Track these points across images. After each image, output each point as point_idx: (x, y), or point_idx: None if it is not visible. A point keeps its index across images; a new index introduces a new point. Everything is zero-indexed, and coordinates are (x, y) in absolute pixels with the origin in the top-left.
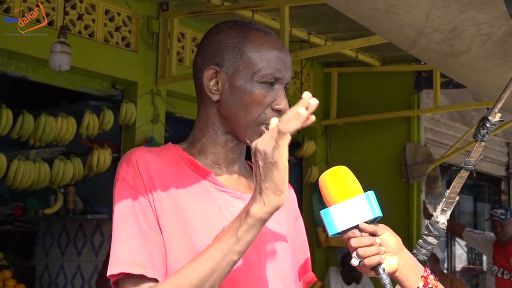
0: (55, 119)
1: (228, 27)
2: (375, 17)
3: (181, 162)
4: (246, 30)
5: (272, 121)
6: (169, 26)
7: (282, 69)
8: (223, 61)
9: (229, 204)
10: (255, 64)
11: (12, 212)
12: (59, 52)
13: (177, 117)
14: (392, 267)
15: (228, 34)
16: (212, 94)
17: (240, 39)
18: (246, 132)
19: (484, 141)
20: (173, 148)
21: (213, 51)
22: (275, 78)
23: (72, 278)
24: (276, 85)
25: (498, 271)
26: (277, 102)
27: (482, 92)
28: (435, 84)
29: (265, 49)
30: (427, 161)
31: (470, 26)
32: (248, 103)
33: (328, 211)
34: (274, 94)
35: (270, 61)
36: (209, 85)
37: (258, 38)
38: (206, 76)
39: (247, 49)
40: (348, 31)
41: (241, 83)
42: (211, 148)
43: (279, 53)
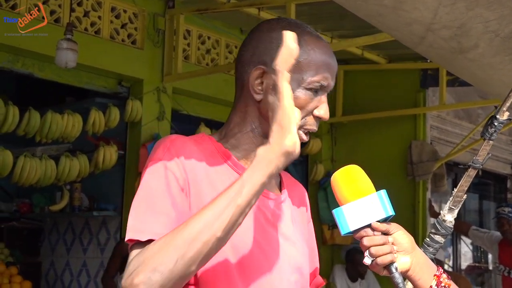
0: (61, 116)
1: (281, 26)
2: (382, 14)
3: (217, 155)
4: (299, 32)
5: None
6: (175, 24)
7: (329, 77)
8: (271, 61)
9: (262, 203)
10: (305, 69)
11: (18, 209)
12: (65, 49)
13: (183, 114)
14: (404, 266)
15: (276, 33)
16: (255, 94)
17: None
18: None
19: (492, 139)
20: (208, 139)
21: (263, 48)
22: (321, 86)
23: (78, 275)
24: (321, 92)
25: (505, 270)
26: (318, 109)
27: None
28: (441, 82)
29: (315, 55)
30: (433, 159)
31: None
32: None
33: (340, 210)
34: (317, 101)
35: (319, 68)
36: (254, 84)
37: (310, 43)
38: (253, 75)
39: (298, 52)
40: (354, 29)
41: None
42: (246, 145)
43: (329, 60)
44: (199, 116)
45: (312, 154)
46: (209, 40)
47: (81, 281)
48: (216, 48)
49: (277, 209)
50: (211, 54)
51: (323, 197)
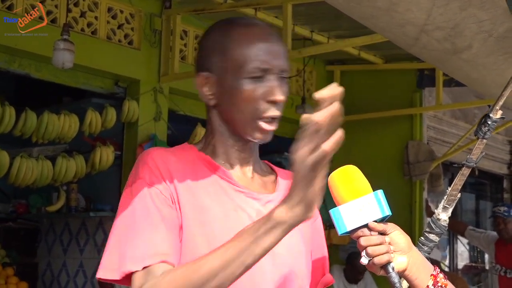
0: (57, 116)
1: (213, 29)
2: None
3: (198, 162)
4: (228, 28)
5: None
6: (171, 24)
7: (268, 59)
8: (211, 65)
9: (245, 204)
10: (240, 61)
11: (14, 209)
12: (62, 49)
13: (180, 115)
14: (401, 265)
15: (213, 36)
16: (208, 100)
17: (222, 38)
18: (245, 130)
19: (485, 138)
20: (189, 148)
21: (203, 55)
22: (263, 70)
23: (75, 276)
24: (268, 76)
25: (501, 270)
26: (269, 93)
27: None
28: (438, 82)
29: (246, 43)
30: (429, 159)
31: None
32: (239, 101)
33: (337, 210)
34: (265, 86)
35: (254, 55)
36: (203, 91)
37: (239, 34)
38: (198, 83)
39: (229, 47)
40: (351, 29)
41: (229, 83)
42: (222, 149)
43: (263, 43)
44: (196, 116)
45: None
46: None
47: (77, 282)
48: None
49: (263, 209)
50: None
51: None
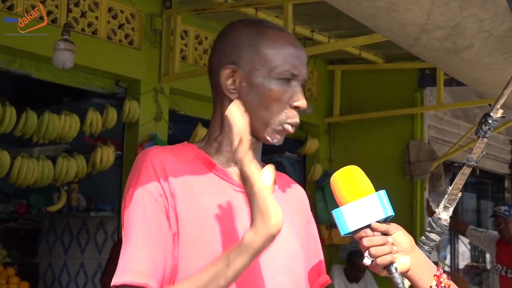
0: (58, 116)
1: (243, 25)
2: (376, 15)
3: (198, 161)
4: (261, 27)
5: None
6: (172, 24)
7: (298, 65)
8: (239, 59)
9: (245, 204)
10: (272, 60)
11: (15, 210)
12: (62, 49)
13: (180, 114)
14: (404, 266)
15: (243, 32)
16: (230, 93)
17: (255, 36)
18: (266, 129)
19: (486, 137)
20: (189, 147)
21: (229, 49)
22: (292, 75)
23: (76, 276)
24: (293, 82)
25: (502, 270)
26: (295, 99)
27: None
28: (439, 82)
29: (280, 46)
30: (430, 158)
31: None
32: (268, 100)
33: (340, 211)
34: (291, 91)
35: (286, 57)
36: (227, 84)
37: (273, 35)
38: (223, 75)
39: (263, 46)
40: (351, 29)
41: (259, 80)
42: (228, 146)
43: (295, 49)
44: (197, 116)
45: (310, 154)
46: (206, 41)
47: (79, 282)
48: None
49: None
50: (208, 54)
51: (321, 197)
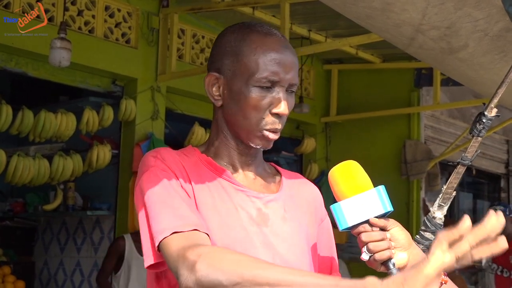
0: (54, 115)
1: (231, 31)
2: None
3: (200, 164)
4: (246, 32)
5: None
6: (169, 23)
7: (279, 71)
8: (222, 66)
9: (245, 203)
10: (250, 68)
11: (11, 208)
12: (59, 48)
13: (177, 113)
14: (402, 262)
15: (229, 38)
16: (214, 100)
17: (238, 42)
18: (248, 136)
19: (480, 136)
20: (192, 151)
21: (216, 55)
22: (271, 82)
23: (72, 274)
24: (276, 88)
25: (498, 269)
26: (274, 105)
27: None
28: (435, 82)
29: (261, 52)
30: (427, 158)
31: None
32: (245, 107)
33: (338, 206)
34: (272, 98)
35: (266, 64)
36: (211, 91)
37: (255, 41)
38: (206, 82)
39: (243, 52)
40: (348, 28)
41: (238, 87)
42: (225, 151)
43: (277, 55)
44: (193, 115)
45: (307, 153)
46: (203, 39)
47: (74, 281)
48: (210, 47)
49: (264, 208)
50: (205, 53)
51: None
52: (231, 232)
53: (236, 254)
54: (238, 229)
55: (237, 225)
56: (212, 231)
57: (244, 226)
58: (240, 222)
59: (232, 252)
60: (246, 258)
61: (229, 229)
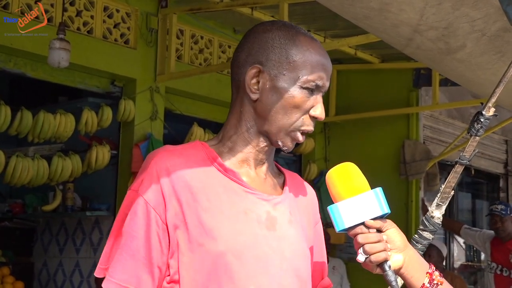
0: (53, 115)
1: (276, 27)
2: (369, 16)
3: (207, 161)
4: (294, 33)
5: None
6: (168, 23)
7: (324, 77)
8: (267, 61)
9: (255, 206)
10: (300, 68)
11: (10, 209)
12: (58, 48)
13: (176, 114)
14: (397, 264)
15: (275, 34)
16: (252, 93)
17: (287, 40)
18: (280, 134)
19: (478, 136)
20: (200, 146)
21: (258, 48)
22: (316, 86)
23: (71, 275)
24: (316, 92)
25: (497, 268)
26: (315, 109)
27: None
28: (434, 82)
29: (311, 55)
30: (425, 158)
31: (464, 23)
32: (288, 106)
33: (336, 207)
34: (313, 101)
35: (314, 67)
36: (251, 83)
37: (305, 43)
38: (249, 74)
39: (294, 52)
40: (347, 28)
41: (283, 85)
42: (242, 147)
43: (324, 60)
44: (192, 115)
45: (306, 153)
46: (202, 40)
47: (74, 282)
48: (209, 47)
49: (273, 210)
50: (204, 54)
51: (317, 196)
52: (240, 237)
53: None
54: (247, 234)
55: (246, 229)
56: (221, 237)
57: (253, 230)
58: (249, 227)
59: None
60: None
61: (238, 234)
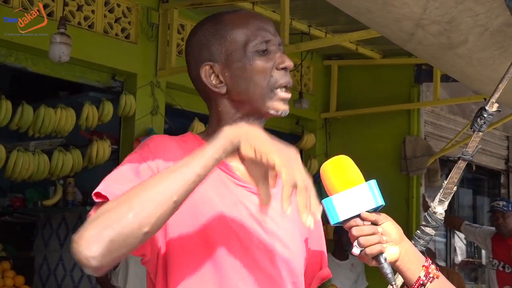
0: (54, 110)
1: (200, 25)
2: (372, 10)
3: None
4: (218, 17)
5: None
6: (169, 18)
7: (266, 35)
8: (212, 54)
9: (245, 199)
10: (241, 40)
11: (11, 204)
12: (58, 43)
13: (177, 109)
14: (393, 256)
15: (203, 30)
16: (217, 89)
17: (216, 26)
18: (264, 102)
19: (481, 131)
20: (192, 137)
21: (198, 51)
22: (265, 42)
23: (71, 270)
24: (270, 49)
25: (499, 265)
26: (279, 62)
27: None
28: (435, 77)
29: (242, 24)
30: (426, 154)
31: (467, 17)
32: (253, 75)
33: (330, 200)
34: (272, 57)
35: (252, 32)
36: (211, 81)
37: (231, 18)
38: (203, 74)
39: (227, 31)
40: (348, 24)
41: (238, 63)
42: None
43: (256, 20)
44: (193, 110)
45: (306, 149)
46: None
47: (74, 276)
48: None
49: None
50: None
51: (317, 192)
52: (230, 229)
53: (112, 203)
54: (236, 225)
55: (235, 221)
56: (211, 228)
57: (244, 223)
58: (239, 219)
59: (110, 203)
60: (119, 200)
61: (226, 225)
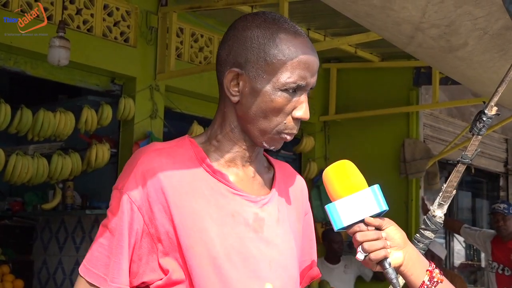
0: (53, 114)
1: (256, 25)
2: (371, 13)
3: (196, 162)
4: (274, 30)
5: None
6: (167, 21)
7: (307, 76)
8: (246, 62)
9: (242, 208)
10: (280, 70)
11: (10, 207)
12: (57, 46)
13: (176, 112)
14: (397, 261)
15: (254, 33)
16: (232, 96)
17: (266, 40)
18: (264, 137)
19: (480, 134)
20: (188, 143)
21: (237, 48)
22: (298, 86)
23: (71, 274)
24: (299, 92)
25: (499, 268)
26: (297, 110)
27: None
28: (434, 80)
29: (291, 55)
30: (426, 157)
31: (466, 21)
32: (268, 110)
33: (333, 206)
34: (295, 102)
35: (295, 68)
36: (229, 86)
37: (285, 42)
38: (227, 77)
39: (273, 53)
40: (347, 27)
41: (262, 88)
42: (228, 146)
43: (306, 58)
44: (192, 114)
45: (305, 152)
46: (202, 38)
47: (73, 280)
48: (209, 46)
49: (260, 211)
50: (204, 52)
51: (317, 195)
52: (227, 241)
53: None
54: (234, 237)
55: (233, 233)
56: (210, 240)
57: (241, 234)
58: (236, 230)
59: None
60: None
61: (225, 238)
